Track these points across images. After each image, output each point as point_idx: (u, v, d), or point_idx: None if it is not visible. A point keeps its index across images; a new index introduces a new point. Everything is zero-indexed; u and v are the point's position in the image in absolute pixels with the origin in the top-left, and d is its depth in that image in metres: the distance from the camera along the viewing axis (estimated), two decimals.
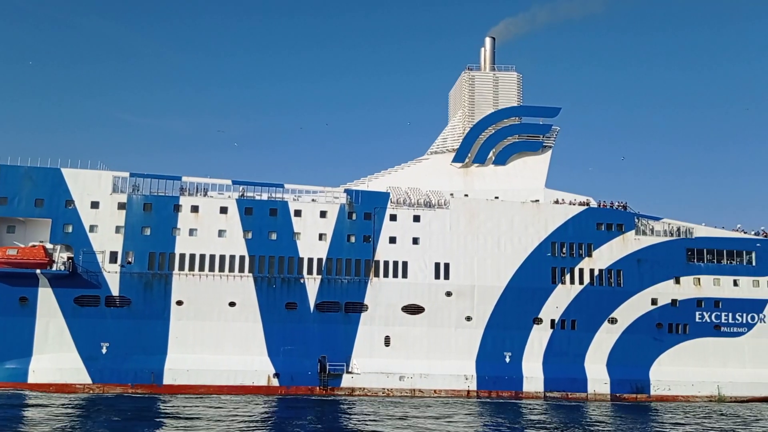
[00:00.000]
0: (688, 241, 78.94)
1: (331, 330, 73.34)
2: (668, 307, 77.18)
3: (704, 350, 77.00)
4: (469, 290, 75.47)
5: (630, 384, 75.15)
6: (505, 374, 74.19)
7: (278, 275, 73.17)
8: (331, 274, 74.08)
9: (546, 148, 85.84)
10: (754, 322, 77.97)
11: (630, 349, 76.06)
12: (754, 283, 78.43)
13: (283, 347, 72.41)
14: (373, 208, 75.86)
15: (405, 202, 77.09)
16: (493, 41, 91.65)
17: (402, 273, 75.05)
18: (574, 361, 75.59)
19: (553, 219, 77.96)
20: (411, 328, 74.41)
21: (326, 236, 74.65)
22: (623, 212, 79.49)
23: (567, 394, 74.02)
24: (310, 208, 75.10)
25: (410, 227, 76.12)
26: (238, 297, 72.32)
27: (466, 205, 77.75)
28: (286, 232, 74.03)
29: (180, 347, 71.00)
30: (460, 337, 74.90)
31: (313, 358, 72.39)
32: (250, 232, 73.47)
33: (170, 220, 72.55)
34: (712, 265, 78.47)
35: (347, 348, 73.43)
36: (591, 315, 76.45)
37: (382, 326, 74.11)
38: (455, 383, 73.20)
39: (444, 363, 73.82)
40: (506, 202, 78.46)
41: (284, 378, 71.39)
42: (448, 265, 75.78)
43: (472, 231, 76.87)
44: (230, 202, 73.88)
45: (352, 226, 75.31)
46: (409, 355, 73.91)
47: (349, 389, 71.92)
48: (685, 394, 75.26)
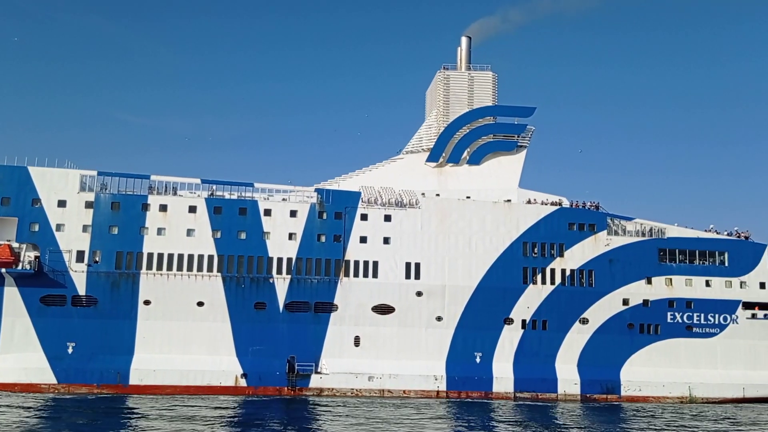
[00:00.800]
0: (660, 241, 77.95)
1: (300, 330, 72.16)
2: (640, 308, 76.17)
3: (676, 351, 75.97)
4: (440, 290, 74.40)
5: (600, 384, 74.12)
6: (475, 375, 73.12)
7: (247, 275, 72.00)
8: (300, 274, 72.94)
9: (521, 147, 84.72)
10: (727, 323, 77.02)
11: (601, 350, 74.98)
12: (726, 284, 77.43)
13: (251, 347, 71.24)
14: (344, 207, 74.73)
15: (376, 201, 76.05)
16: (469, 41, 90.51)
17: (372, 273, 73.91)
18: (545, 361, 74.53)
19: (524, 219, 76.91)
20: (381, 328, 73.27)
21: (296, 236, 73.48)
22: (595, 212, 78.46)
23: (537, 394, 72.98)
24: (280, 207, 73.93)
25: (381, 227, 75.01)
26: (207, 297, 71.09)
27: (437, 204, 76.67)
28: (255, 232, 72.83)
29: (147, 347, 69.76)
30: (430, 337, 73.80)
31: (281, 358, 71.20)
32: (219, 231, 72.26)
33: (138, 219, 71.28)
34: (684, 266, 77.46)
35: (316, 348, 72.29)
36: (562, 315, 75.39)
37: (352, 326, 72.97)
38: (425, 384, 72.09)
39: (414, 363, 72.73)
40: (478, 202, 77.40)
41: (252, 378, 70.24)
42: (419, 265, 74.67)
43: (444, 231, 75.80)
44: (199, 201, 72.65)
45: (322, 225, 74.17)
46: (378, 356, 72.77)
47: (317, 390, 70.75)
48: (655, 395, 74.24)
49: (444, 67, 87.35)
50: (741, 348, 76.61)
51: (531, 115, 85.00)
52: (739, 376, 75.80)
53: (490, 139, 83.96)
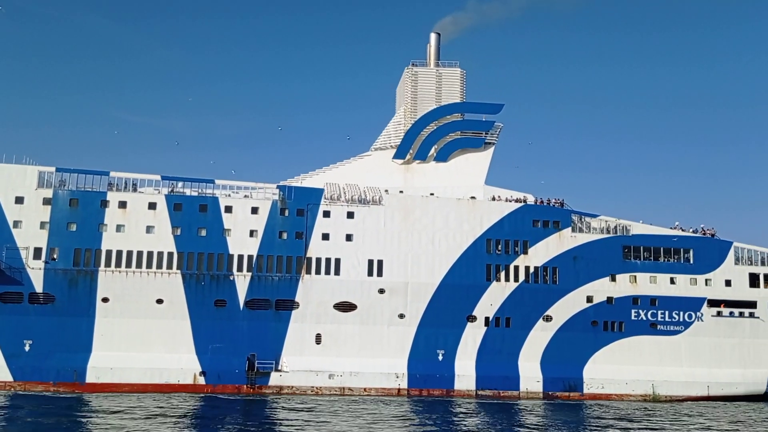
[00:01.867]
0: (625, 238, 76.56)
1: (261, 328, 70.73)
2: (604, 305, 74.81)
3: (640, 348, 74.57)
4: (403, 287, 73.02)
5: (563, 382, 72.74)
6: (437, 372, 71.79)
7: (207, 272, 70.56)
8: (261, 271, 71.54)
9: (488, 144, 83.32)
10: (691, 320, 75.67)
11: (564, 347, 73.56)
12: (691, 281, 76.07)
13: (211, 345, 69.81)
14: (306, 204, 73.32)
15: (339, 198, 74.73)
16: (438, 37, 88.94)
17: (335, 270, 72.49)
18: (508, 359, 73.15)
19: (488, 216, 75.54)
20: (343, 325, 71.88)
21: (257, 233, 72.04)
22: (560, 209, 77.09)
23: (499, 392, 71.58)
24: (241, 204, 72.48)
25: (344, 224, 73.61)
26: (166, 294, 69.65)
27: (400, 201, 75.28)
28: (216, 229, 71.36)
29: (105, 345, 68.31)
30: (392, 334, 72.40)
31: (241, 356, 69.77)
32: (179, 228, 70.78)
33: (97, 216, 69.78)
34: (649, 263, 76.10)
35: (277, 346, 70.90)
36: (526, 313, 73.98)
37: (313, 324, 71.57)
38: (386, 381, 70.71)
39: (375, 361, 71.33)
40: (441, 199, 76.02)
41: (211, 376, 68.85)
42: (381, 262, 73.31)
43: (407, 228, 74.41)
44: (159, 198, 71.17)
45: (284, 222, 72.74)
46: (340, 353, 71.40)
47: (277, 388, 69.33)
48: (618, 393, 72.86)
49: (412, 64, 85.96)
50: (706, 346, 75.25)
51: (499, 111, 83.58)
52: (704, 374, 74.35)
53: (457, 136, 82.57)
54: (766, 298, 76.50)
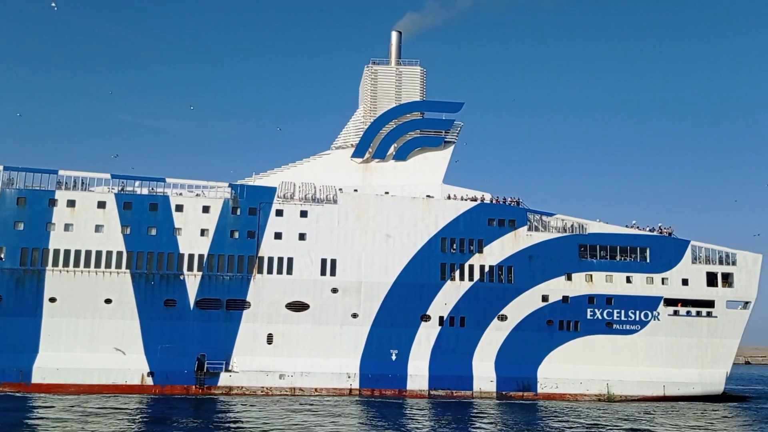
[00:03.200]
0: (581, 237, 74.99)
1: (211, 328, 69.09)
2: (559, 304, 73.22)
3: (595, 348, 72.95)
4: (356, 287, 71.47)
5: (517, 382, 71.13)
6: (390, 372, 70.13)
7: (157, 271, 68.91)
8: (212, 271, 69.91)
9: (448, 143, 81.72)
10: (648, 319, 74.20)
11: (519, 347, 71.98)
12: (648, 280, 74.53)
13: (160, 345, 68.13)
14: (259, 203, 71.72)
15: (293, 197, 73.24)
16: (399, 35, 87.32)
17: (287, 269, 70.83)
18: (462, 358, 71.56)
19: (443, 215, 73.99)
20: (295, 325, 70.26)
21: (208, 232, 70.36)
22: (515, 208, 75.55)
23: (452, 392, 70.03)
24: (192, 202, 70.87)
25: (297, 223, 72.02)
26: (115, 294, 67.95)
27: (355, 200, 73.72)
28: (166, 228, 69.70)
29: (52, 345, 66.57)
30: (345, 334, 70.82)
31: (191, 356, 68.04)
32: (128, 227, 69.10)
33: (45, 215, 68.04)
34: (605, 262, 74.54)
35: (228, 346, 69.23)
36: (480, 312, 72.36)
37: (265, 324, 69.92)
38: (337, 381, 69.14)
39: (327, 361, 69.71)
40: (396, 198, 74.41)
41: (159, 377, 67.18)
42: (335, 261, 71.75)
43: (361, 226, 72.86)
44: (108, 197, 69.54)
45: (235, 221, 71.11)
46: (292, 353, 69.75)
47: (226, 388, 67.66)
48: (573, 393, 71.28)
49: (372, 62, 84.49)
50: (662, 345, 73.68)
51: (459, 110, 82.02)
52: (660, 373, 72.76)
53: (416, 134, 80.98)
54: (723, 298, 74.98)
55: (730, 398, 74.71)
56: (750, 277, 75.57)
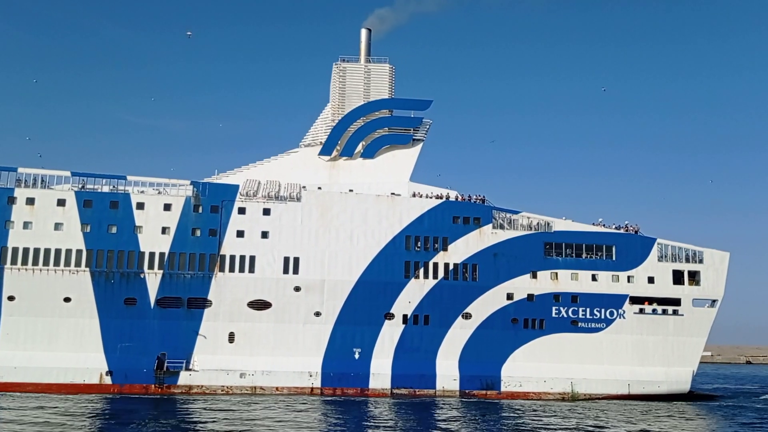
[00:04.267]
0: (547, 235, 73.98)
1: (172, 326, 67.96)
2: (524, 302, 72.24)
3: (560, 346, 71.91)
4: (319, 285, 70.43)
5: (480, 380, 70.03)
6: (352, 371, 69.08)
7: (117, 270, 67.83)
8: (173, 269, 68.84)
9: (417, 141, 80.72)
10: (613, 317, 73.19)
11: (484, 345, 70.94)
12: (613, 278, 73.50)
13: (120, 344, 67.04)
14: (221, 201, 70.69)
15: (256, 194, 72.21)
16: (369, 33, 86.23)
17: (249, 268, 69.75)
18: (426, 357, 70.51)
19: (408, 212, 72.88)
20: (257, 324, 69.18)
21: (170, 230, 69.22)
22: (480, 206, 74.49)
23: (414, 390, 68.94)
24: (153, 200, 69.79)
25: (259, 220, 70.92)
26: (74, 292, 66.84)
27: (318, 198, 72.67)
28: (126, 226, 68.60)
29: (10, 344, 65.36)
30: (308, 333, 69.74)
31: (151, 355, 66.95)
32: (88, 225, 67.95)
33: (3, 213, 66.72)
34: (571, 260, 73.56)
35: (189, 345, 68.11)
36: (445, 310, 71.32)
37: (226, 322, 68.79)
38: (298, 380, 68.04)
39: (289, 360, 68.61)
40: (360, 195, 73.39)
41: (118, 376, 66.06)
42: (297, 260, 70.68)
43: (325, 224, 71.84)
44: (68, 195, 68.46)
45: (197, 219, 70.01)
46: (253, 352, 68.63)
47: (186, 387, 66.50)
48: (536, 391, 70.22)
49: (341, 59, 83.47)
50: (627, 343, 72.64)
51: (427, 108, 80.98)
52: (625, 372, 71.69)
53: (385, 132, 79.87)
54: (690, 296, 73.94)
55: (696, 397, 73.66)
56: (717, 276, 74.59)
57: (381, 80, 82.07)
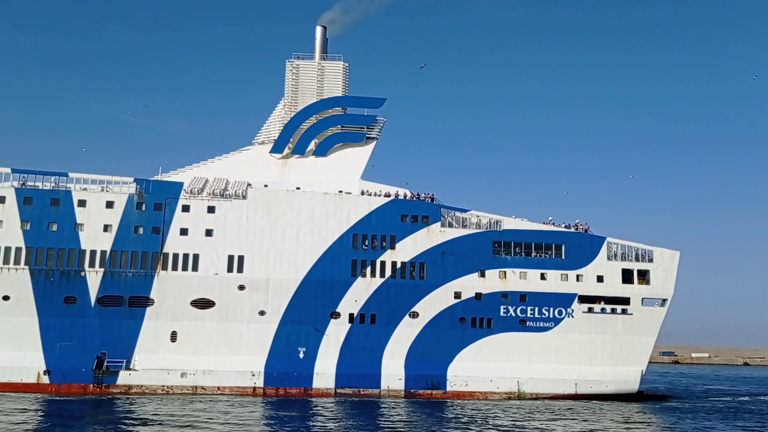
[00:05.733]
0: (495, 233, 72.75)
1: (113, 325, 66.42)
2: (472, 301, 70.97)
3: (508, 345, 70.63)
4: (264, 283, 69.00)
5: (426, 380, 68.74)
6: (296, 370, 67.69)
7: (57, 268, 66.25)
8: (115, 267, 67.33)
9: (370, 139, 79.40)
10: (562, 316, 72.03)
11: (431, 344, 69.58)
12: (562, 277, 72.33)
13: (59, 343, 65.43)
14: (165, 198, 69.31)
15: (201, 192, 70.80)
16: (324, 30, 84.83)
17: (192, 266, 68.34)
18: (372, 356, 69.08)
19: (356, 211, 71.55)
20: (200, 323, 67.63)
21: (112, 227, 67.70)
22: (429, 204, 73.19)
23: (359, 390, 67.58)
24: (95, 198, 68.25)
25: (204, 218, 69.40)
26: (13, 291, 65.14)
27: (264, 195, 71.22)
28: (68, 223, 67.00)
29: None
30: (252, 332, 68.25)
31: (91, 354, 65.24)
32: (28, 222, 66.29)
33: None
34: (519, 258, 72.37)
35: (130, 344, 66.59)
36: (392, 309, 69.89)
37: (168, 321, 67.25)
38: (240, 380, 66.62)
39: (232, 359, 67.13)
40: (307, 193, 72.02)
41: (56, 375, 64.46)
42: (242, 258, 69.17)
43: (271, 222, 70.40)
44: (8, 192, 66.77)
45: (140, 217, 68.53)
46: (196, 351, 67.07)
47: (125, 387, 64.98)
48: (483, 390, 68.94)
49: (294, 56, 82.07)
50: (576, 342, 71.40)
51: (381, 106, 79.58)
52: (573, 371, 70.45)
53: (338, 130, 78.45)
54: (639, 295, 72.86)
55: (645, 397, 72.61)
56: (667, 275, 73.52)
57: (335, 78, 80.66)
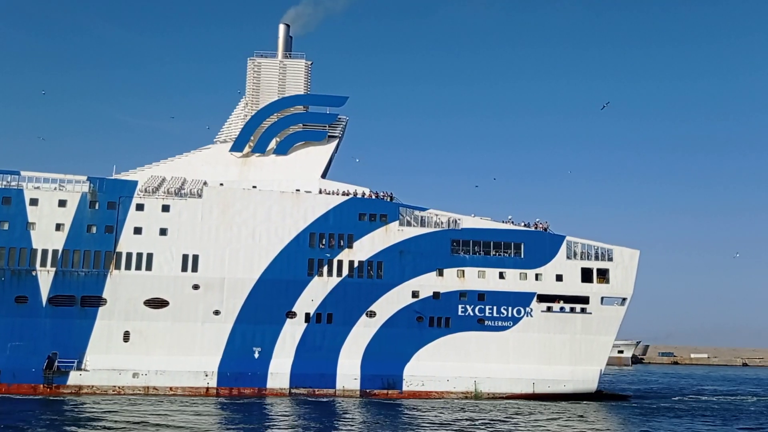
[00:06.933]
0: (454, 232, 71.89)
1: (65, 325, 65.26)
2: (430, 300, 70.01)
3: (466, 345, 69.65)
4: (219, 283, 67.95)
5: (382, 380, 67.75)
6: (250, 370, 66.82)
7: (8, 267, 65.02)
8: (67, 267, 66.26)
9: (332, 138, 78.55)
10: (520, 316, 71.21)
11: (388, 344, 68.54)
12: (521, 276, 71.46)
13: (10, 343, 64.19)
14: (119, 197, 68.29)
15: (156, 190, 69.75)
16: (287, 28, 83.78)
17: (146, 265, 67.34)
18: (328, 356, 68.11)
19: (313, 209, 70.58)
20: (153, 323, 66.57)
21: (64, 226, 66.69)
22: (387, 202, 72.15)
23: (314, 390, 66.63)
24: (47, 196, 67.14)
25: (158, 217, 68.33)
26: None
27: (220, 194, 70.17)
28: (19, 222, 65.79)
29: None
30: (206, 332, 67.12)
31: (42, 354, 64.07)
32: None
33: None
34: (478, 257, 71.47)
35: (81, 344, 65.40)
36: (348, 308, 68.91)
37: (121, 321, 66.18)
38: (193, 380, 65.51)
39: (185, 359, 65.99)
40: (264, 192, 71.04)
41: (6, 375, 63.04)
42: (197, 257, 68.07)
43: (226, 221, 69.36)
44: None
45: (93, 215, 67.43)
46: (149, 351, 66.03)
47: (76, 387, 63.94)
48: (439, 390, 68.01)
49: (256, 54, 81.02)
50: (534, 342, 70.51)
51: (343, 104, 78.59)
52: (531, 370, 69.55)
53: (299, 128, 77.56)
54: (598, 294, 71.98)
55: (604, 396, 71.83)
56: (626, 273, 72.70)
57: (297, 76, 79.57)
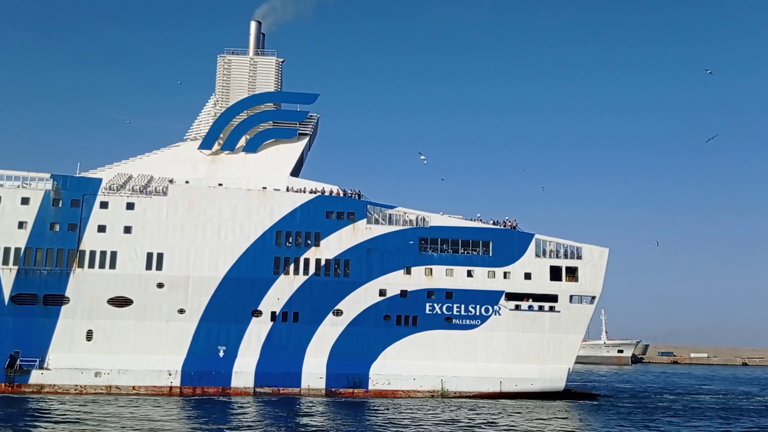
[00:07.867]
0: (422, 230, 71.14)
1: (27, 324, 64.39)
2: (397, 299, 69.26)
3: (433, 343, 69.01)
4: (184, 281, 67.13)
5: (347, 378, 67.11)
6: (214, 369, 66.06)
7: None
8: (29, 265, 65.41)
9: (302, 135, 77.90)
10: (489, 314, 70.56)
11: (354, 342, 67.91)
12: (489, 274, 70.86)
13: None
14: (82, 195, 67.41)
15: (121, 188, 68.91)
16: (258, 25, 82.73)
17: (110, 263, 66.47)
18: (294, 355, 67.34)
19: (280, 207, 69.84)
20: (117, 321, 65.75)
21: (27, 224, 65.82)
22: (355, 200, 71.48)
23: (278, 389, 65.91)
24: (10, 194, 66.17)
25: (122, 215, 67.47)
26: None
27: (185, 192, 69.30)
28: None
29: None
30: (171, 330, 66.28)
31: (4, 353, 63.39)
32: None
33: None
34: (446, 255, 70.75)
35: (44, 343, 64.55)
36: (315, 307, 68.19)
37: (84, 320, 65.33)
38: (156, 379, 64.81)
39: (149, 358, 65.24)
40: (229, 190, 70.22)
41: None
42: (161, 255, 67.29)
43: (191, 219, 68.49)
44: None
45: (56, 213, 66.54)
46: (112, 350, 65.23)
47: (37, 386, 62.95)
48: (405, 389, 67.34)
49: (226, 51, 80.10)
50: (502, 340, 69.90)
51: (314, 102, 77.78)
52: (498, 369, 68.94)
53: (269, 126, 76.84)
54: (567, 292, 71.39)
55: (572, 395, 71.32)
56: (595, 272, 72.15)
57: (267, 74, 78.69)
